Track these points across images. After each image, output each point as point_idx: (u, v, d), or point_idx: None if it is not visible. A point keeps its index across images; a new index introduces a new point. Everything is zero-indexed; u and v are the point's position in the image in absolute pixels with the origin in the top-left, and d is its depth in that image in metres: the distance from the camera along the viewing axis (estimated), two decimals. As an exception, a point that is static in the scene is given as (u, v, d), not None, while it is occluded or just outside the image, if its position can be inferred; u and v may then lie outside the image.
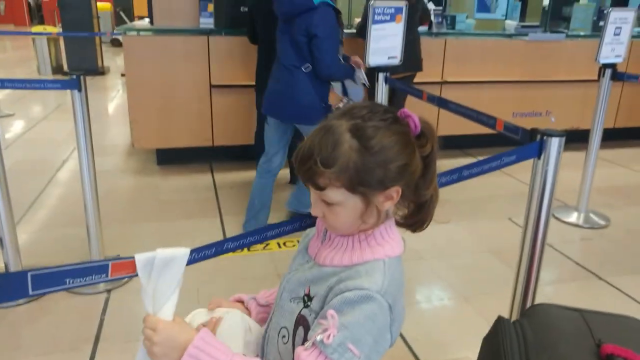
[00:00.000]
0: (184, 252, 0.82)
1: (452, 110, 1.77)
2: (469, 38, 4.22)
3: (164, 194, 3.40)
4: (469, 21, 4.57)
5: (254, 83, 3.38)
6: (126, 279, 2.15)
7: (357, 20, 4.05)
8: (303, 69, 2.44)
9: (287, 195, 3.00)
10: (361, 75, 2.62)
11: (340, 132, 0.81)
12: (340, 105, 2.61)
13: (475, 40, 4.20)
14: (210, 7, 3.63)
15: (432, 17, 4.05)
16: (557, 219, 3.05)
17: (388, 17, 2.25)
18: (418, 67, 3.51)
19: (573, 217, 3.06)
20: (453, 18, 4.47)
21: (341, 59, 2.53)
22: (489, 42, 4.22)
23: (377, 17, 2.24)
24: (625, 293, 2.29)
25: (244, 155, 3.92)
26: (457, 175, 1.15)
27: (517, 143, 1.43)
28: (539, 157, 1.31)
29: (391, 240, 0.90)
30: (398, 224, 0.94)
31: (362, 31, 3.02)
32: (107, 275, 0.72)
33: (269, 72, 3.23)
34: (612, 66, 2.86)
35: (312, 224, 1.03)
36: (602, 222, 3.02)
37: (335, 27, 2.42)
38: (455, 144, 4.21)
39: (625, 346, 0.83)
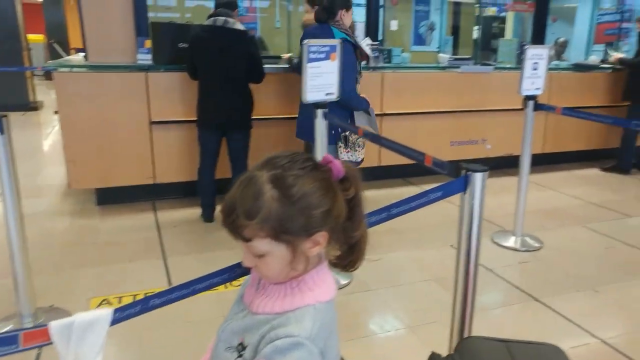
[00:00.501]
0: (106, 314, 0.79)
1: (385, 146, 1.84)
2: (405, 71, 4.41)
3: (104, 236, 3.26)
4: (404, 54, 4.77)
5: (195, 118, 3.37)
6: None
7: (287, 55, 4.16)
8: None
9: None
10: (371, 112, 3.06)
11: (260, 182, 0.83)
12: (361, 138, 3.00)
13: (411, 73, 4.39)
14: (148, 43, 3.60)
15: (369, 52, 4.19)
16: (496, 244, 3.18)
17: (323, 55, 2.32)
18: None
19: (511, 242, 3.19)
20: (389, 52, 4.66)
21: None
22: (424, 74, 4.42)
23: (312, 56, 2.31)
24: (559, 313, 2.40)
25: (187, 192, 3.86)
26: (386, 214, 1.19)
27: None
28: (464, 192, 1.37)
29: (322, 284, 0.91)
30: (332, 263, 0.96)
31: (298, 67, 3.12)
32: (17, 347, 0.68)
33: (210, 106, 3.26)
34: (534, 97, 3.07)
35: (243, 274, 1.02)
36: (537, 245, 3.17)
37: (352, 60, 2.82)
38: (397, 173, 4.33)
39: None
